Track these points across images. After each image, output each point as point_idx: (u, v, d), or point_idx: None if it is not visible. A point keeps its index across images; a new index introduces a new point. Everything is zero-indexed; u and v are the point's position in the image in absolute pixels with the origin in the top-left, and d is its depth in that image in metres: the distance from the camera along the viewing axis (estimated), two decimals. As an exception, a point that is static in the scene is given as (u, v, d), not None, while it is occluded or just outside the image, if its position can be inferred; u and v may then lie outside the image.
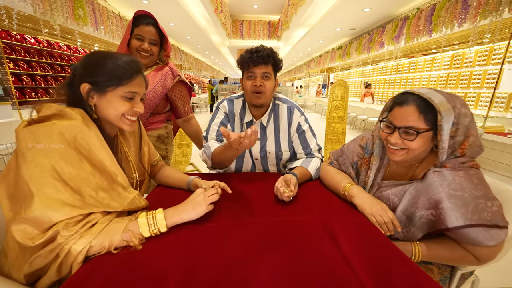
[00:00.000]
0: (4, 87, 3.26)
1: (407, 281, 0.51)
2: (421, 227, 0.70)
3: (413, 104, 0.70)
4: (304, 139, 1.14)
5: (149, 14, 1.19)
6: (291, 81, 20.71)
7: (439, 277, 0.78)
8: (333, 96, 2.90)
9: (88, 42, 5.78)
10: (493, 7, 2.76)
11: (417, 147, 0.71)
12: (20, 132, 0.57)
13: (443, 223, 0.64)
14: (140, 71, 0.72)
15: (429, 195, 0.68)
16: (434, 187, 0.67)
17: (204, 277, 0.52)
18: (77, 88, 0.66)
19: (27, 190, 0.54)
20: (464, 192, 0.64)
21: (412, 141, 0.71)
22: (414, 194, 0.72)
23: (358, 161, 0.94)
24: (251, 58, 1.01)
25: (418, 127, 0.70)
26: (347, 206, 0.84)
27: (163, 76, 1.26)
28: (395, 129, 0.74)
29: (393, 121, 0.75)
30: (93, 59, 0.68)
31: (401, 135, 0.72)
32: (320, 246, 0.62)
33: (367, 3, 4.27)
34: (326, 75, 12.25)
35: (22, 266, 0.55)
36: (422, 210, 0.69)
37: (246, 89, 1.07)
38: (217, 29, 6.68)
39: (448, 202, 0.64)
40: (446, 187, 0.65)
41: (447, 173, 0.67)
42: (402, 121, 0.72)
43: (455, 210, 0.63)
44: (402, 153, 0.74)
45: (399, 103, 0.74)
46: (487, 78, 4.39)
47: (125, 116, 0.70)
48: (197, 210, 0.70)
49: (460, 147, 0.70)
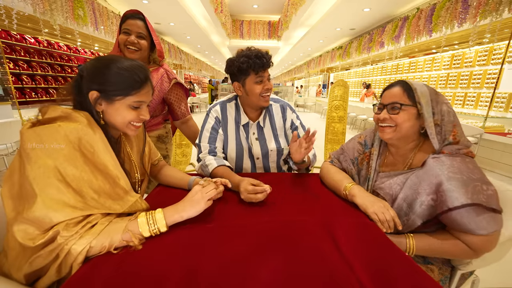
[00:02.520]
0: (4, 87, 3.26)
1: (407, 281, 0.51)
2: (422, 213, 0.72)
3: (398, 85, 0.82)
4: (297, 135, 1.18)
5: (137, 11, 1.18)
6: (291, 81, 20.71)
7: (439, 277, 0.78)
8: (333, 96, 2.90)
9: (88, 42, 5.78)
10: (493, 7, 2.76)
11: (402, 120, 0.78)
12: (25, 133, 0.57)
13: (444, 204, 0.67)
14: (148, 79, 0.72)
15: (430, 179, 0.71)
16: (434, 171, 0.71)
17: (204, 277, 0.52)
18: (85, 94, 0.66)
19: (31, 190, 0.54)
20: (462, 175, 0.67)
21: (398, 115, 0.79)
22: (415, 180, 0.75)
23: (358, 156, 0.99)
24: (262, 63, 1.02)
25: (402, 102, 0.79)
26: (347, 206, 0.84)
27: (159, 80, 1.26)
28: (384, 107, 0.83)
29: (382, 101, 0.85)
30: (103, 67, 0.67)
31: (388, 111, 0.82)
32: (320, 246, 0.62)
33: (367, 3, 4.27)
34: (326, 75, 12.25)
35: (22, 266, 0.55)
36: (423, 195, 0.72)
37: (254, 93, 1.07)
38: (217, 29, 6.68)
39: (448, 184, 0.67)
40: (445, 170, 0.69)
41: (445, 159, 0.72)
42: (389, 99, 0.82)
43: (455, 191, 0.66)
44: (391, 130, 0.82)
45: (388, 88, 0.85)
46: (487, 78, 4.40)
47: (131, 123, 0.72)
48: (196, 208, 0.70)
49: (451, 133, 0.76)
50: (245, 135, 1.18)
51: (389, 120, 0.81)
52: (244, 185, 0.85)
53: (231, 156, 1.18)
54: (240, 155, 1.18)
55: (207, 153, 1.11)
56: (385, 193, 0.82)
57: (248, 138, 1.18)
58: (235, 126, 1.18)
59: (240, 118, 1.17)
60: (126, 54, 1.15)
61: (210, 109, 1.19)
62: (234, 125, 1.18)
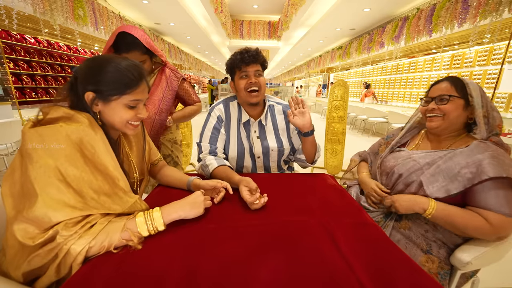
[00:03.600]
0: (4, 87, 3.26)
1: (407, 281, 0.51)
2: (458, 183, 0.75)
3: (447, 81, 0.88)
4: None
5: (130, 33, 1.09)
6: (291, 81, 20.70)
7: (437, 270, 0.78)
8: (333, 96, 2.90)
9: (88, 42, 5.78)
10: (493, 7, 2.76)
11: (451, 110, 0.84)
12: (27, 133, 0.58)
13: (485, 173, 0.70)
14: (143, 77, 0.72)
15: (473, 154, 0.76)
16: (480, 149, 0.76)
17: (204, 277, 0.52)
18: (81, 95, 0.65)
19: (32, 189, 0.55)
20: (505, 158, 0.72)
21: (446, 105, 0.85)
22: (458, 154, 0.80)
23: (379, 147, 1.14)
24: (243, 58, 1.05)
25: (450, 93, 0.85)
26: (347, 206, 0.84)
27: (168, 79, 1.33)
28: (432, 100, 0.89)
29: (430, 95, 0.91)
30: (96, 66, 0.67)
31: (437, 103, 0.87)
32: (320, 246, 0.62)
33: (367, 3, 4.26)
34: (326, 75, 12.24)
35: (20, 264, 0.55)
36: (464, 168, 0.75)
37: (239, 88, 1.10)
38: (217, 29, 6.68)
39: (491, 159, 0.71)
40: (490, 151, 0.74)
41: (491, 144, 0.78)
42: (437, 92, 0.88)
43: (497, 165, 0.70)
44: (438, 119, 0.87)
45: (435, 83, 0.91)
46: (487, 78, 4.40)
47: (129, 122, 0.72)
48: (194, 210, 0.71)
49: (498, 126, 0.82)
50: (246, 134, 1.18)
51: (437, 110, 0.87)
52: (242, 188, 0.85)
53: (232, 155, 1.18)
54: (241, 154, 1.18)
55: (208, 153, 1.11)
56: (425, 163, 0.86)
57: (249, 136, 1.18)
58: (237, 125, 1.18)
59: (241, 116, 1.17)
60: None
61: (213, 108, 1.19)
62: (236, 124, 1.18)
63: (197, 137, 1.21)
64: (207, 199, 0.78)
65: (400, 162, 0.93)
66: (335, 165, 2.96)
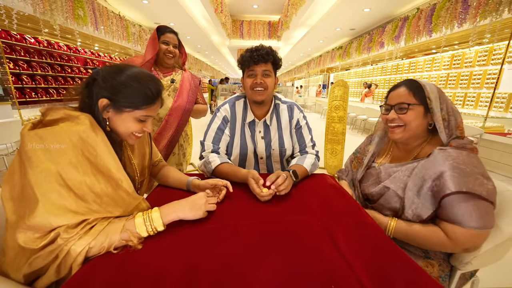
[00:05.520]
0: (4, 87, 3.26)
1: (407, 281, 0.51)
2: (428, 200, 0.74)
3: (404, 86, 0.85)
4: (300, 134, 1.20)
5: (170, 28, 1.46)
6: (291, 81, 20.70)
7: (439, 273, 0.78)
8: (333, 96, 2.90)
9: (88, 42, 5.77)
10: (493, 7, 2.76)
11: (411, 119, 0.82)
12: (26, 135, 0.56)
13: (447, 187, 0.68)
14: (160, 94, 0.72)
15: (435, 166, 0.74)
16: (440, 160, 0.73)
17: (204, 277, 0.52)
18: (95, 99, 0.65)
19: (32, 194, 0.54)
20: (466, 166, 0.69)
21: (405, 114, 0.82)
22: (421, 168, 0.78)
23: (351, 164, 1.12)
24: (252, 56, 1.03)
25: (408, 101, 0.82)
26: (347, 206, 0.84)
27: (191, 79, 1.55)
28: (391, 108, 0.87)
29: (388, 102, 0.88)
30: (118, 76, 0.65)
31: (396, 112, 0.85)
32: (320, 246, 0.62)
33: (367, 3, 4.27)
34: (326, 75, 12.24)
35: (21, 266, 0.55)
36: (428, 181, 0.74)
37: (246, 86, 1.10)
38: (217, 29, 6.68)
39: (452, 171, 0.69)
40: (450, 160, 0.71)
41: (451, 151, 0.74)
42: (395, 99, 0.85)
43: (457, 178, 0.68)
44: (400, 130, 0.85)
45: (393, 89, 0.88)
46: (487, 78, 4.39)
47: (133, 133, 0.72)
48: (194, 212, 0.71)
49: (458, 128, 0.79)
50: (250, 133, 1.17)
51: (398, 120, 0.84)
52: (251, 181, 0.89)
53: (235, 155, 1.18)
54: (244, 154, 1.18)
55: (210, 152, 1.11)
56: (396, 187, 0.82)
57: (254, 136, 1.18)
58: (241, 125, 1.18)
59: (246, 115, 1.16)
60: (165, 59, 1.40)
61: (219, 108, 1.19)
62: (241, 124, 1.18)
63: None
64: (211, 201, 0.76)
65: (372, 184, 0.90)
66: (335, 165, 2.97)
